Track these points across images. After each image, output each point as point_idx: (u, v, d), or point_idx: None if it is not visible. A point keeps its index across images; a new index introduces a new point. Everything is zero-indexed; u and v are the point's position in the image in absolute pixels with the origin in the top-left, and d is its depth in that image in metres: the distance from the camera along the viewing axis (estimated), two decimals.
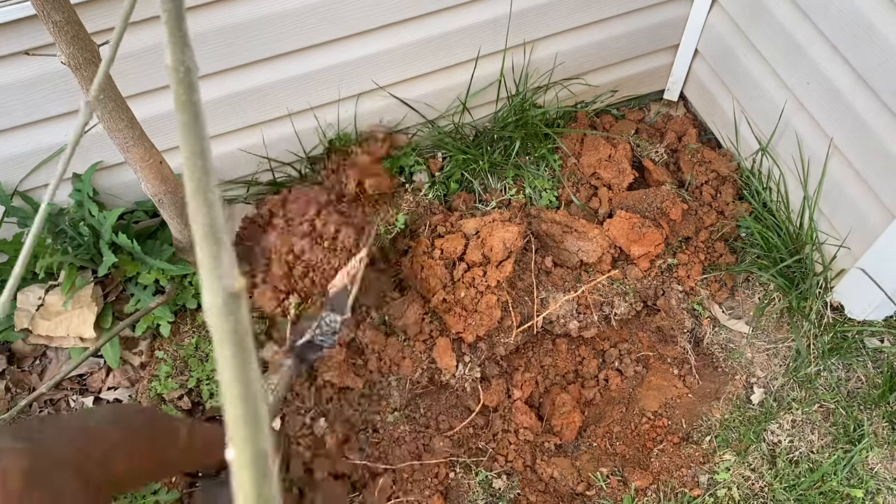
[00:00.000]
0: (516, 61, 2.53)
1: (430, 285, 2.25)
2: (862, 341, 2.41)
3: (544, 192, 2.61)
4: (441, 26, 2.30)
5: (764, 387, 2.43)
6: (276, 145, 2.45)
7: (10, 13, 1.75)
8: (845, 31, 2.05)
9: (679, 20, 2.63)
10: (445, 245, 2.29)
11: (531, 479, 2.31)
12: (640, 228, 2.42)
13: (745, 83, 2.54)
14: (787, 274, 2.46)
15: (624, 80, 2.82)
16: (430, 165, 2.66)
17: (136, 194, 2.39)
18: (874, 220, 2.18)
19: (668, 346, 2.55)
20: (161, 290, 2.35)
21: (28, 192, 2.25)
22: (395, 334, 2.31)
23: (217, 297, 0.43)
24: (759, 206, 2.57)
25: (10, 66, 1.91)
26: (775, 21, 2.29)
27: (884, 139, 2.06)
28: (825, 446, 2.31)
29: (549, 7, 2.38)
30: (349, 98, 2.41)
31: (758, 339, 2.49)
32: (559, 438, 2.41)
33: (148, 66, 2.02)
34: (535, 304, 2.40)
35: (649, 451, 2.38)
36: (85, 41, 1.54)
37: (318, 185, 2.57)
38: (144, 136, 1.81)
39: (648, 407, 2.48)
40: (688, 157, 2.70)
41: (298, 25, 2.09)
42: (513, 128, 2.64)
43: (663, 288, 2.49)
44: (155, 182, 1.91)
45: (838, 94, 2.16)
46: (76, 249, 2.26)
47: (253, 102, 2.27)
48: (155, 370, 2.29)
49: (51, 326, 2.25)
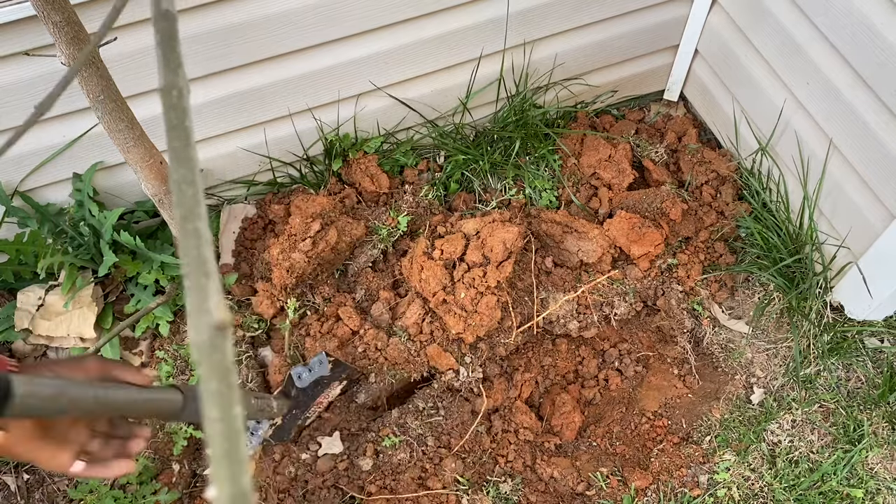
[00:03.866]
0: (516, 61, 2.53)
1: (430, 286, 2.25)
2: (862, 341, 2.41)
3: (544, 192, 2.61)
4: (441, 26, 2.30)
5: (764, 387, 2.43)
6: (276, 145, 2.46)
7: (10, 13, 1.75)
8: (845, 31, 2.05)
9: (679, 20, 2.63)
10: (445, 246, 2.29)
11: (531, 479, 2.31)
12: (640, 228, 2.42)
13: (744, 83, 2.54)
14: (787, 274, 2.46)
15: (624, 80, 2.82)
16: (431, 166, 2.66)
17: (137, 194, 2.39)
18: (874, 220, 2.18)
19: (668, 346, 2.55)
20: (161, 290, 2.35)
21: (28, 192, 2.25)
22: (396, 334, 2.31)
23: (203, 333, 0.42)
24: (759, 206, 2.57)
25: (10, 66, 1.91)
26: (775, 21, 2.29)
27: (884, 139, 2.06)
28: (825, 446, 2.31)
29: (549, 7, 2.38)
30: (349, 98, 2.41)
31: (758, 339, 2.49)
32: (559, 438, 2.41)
33: (148, 66, 2.02)
34: (535, 304, 2.40)
35: (649, 451, 2.38)
36: (85, 42, 1.54)
37: (318, 187, 2.58)
38: (145, 136, 1.81)
39: (648, 407, 2.48)
40: (688, 157, 2.70)
41: (298, 25, 2.09)
42: (513, 128, 2.64)
43: (663, 288, 2.49)
44: (155, 182, 1.91)
45: (838, 93, 2.16)
46: (76, 249, 2.26)
47: (253, 102, 2.27)
48: (155, 370, 2.29)
49: (51, 326, 2.25)
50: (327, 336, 2.28)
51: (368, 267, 2.47)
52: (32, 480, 2.25)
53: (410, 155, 2.66)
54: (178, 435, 2.23)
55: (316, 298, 2.38)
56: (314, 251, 2.29)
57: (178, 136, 0.46)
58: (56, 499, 2.22)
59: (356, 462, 2.25)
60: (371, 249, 2.46)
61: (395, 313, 2.36)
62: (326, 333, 2.29)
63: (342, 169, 2.57)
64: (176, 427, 2.22)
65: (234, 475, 0.41)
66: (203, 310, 0.42)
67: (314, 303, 2.38)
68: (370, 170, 2.55)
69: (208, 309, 0.42)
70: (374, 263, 2.48)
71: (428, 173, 2.67)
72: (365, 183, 2.54)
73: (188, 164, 0.46)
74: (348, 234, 2.38)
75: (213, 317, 0.42)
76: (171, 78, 0.47)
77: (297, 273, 2.29)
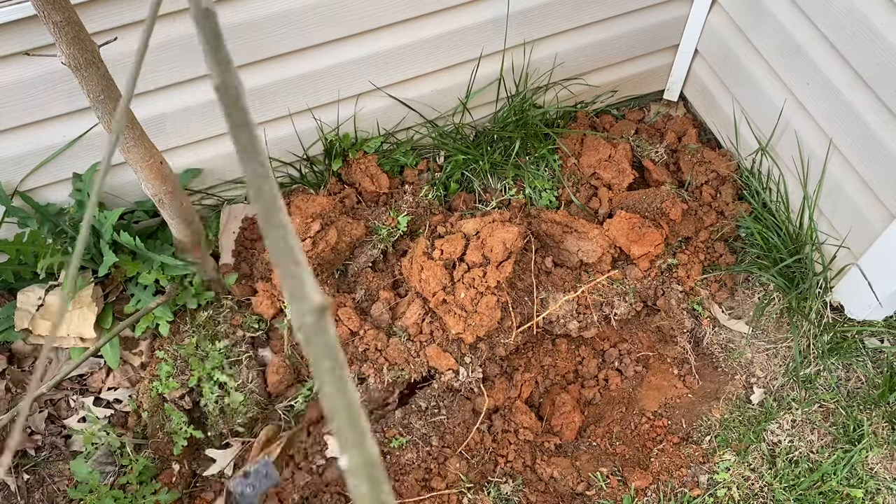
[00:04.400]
0: (516, 61, 2.53)
1: (430, 286, 2.25)
2: (862, 341, 2.41)
3: (544, 192, 2.61)
4: (441, 26, 2.30)
5: (764, 387, 2.44)
6: (276, 145, 2.46)
7: (10, 13, 1.75)
8: (845, 31, 2.05)
9: (679, 20, 2.63)
10: (445, 246, 2.29)
11: (531, 479, 2.31)
12: (640, 228, 2.42)
13: (744, 83, 2.54)
14: (787, 274, 2.46)
15: (624, 80, 2.82)
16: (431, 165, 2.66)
17: (137, 194, 2.39)
18: (874, 220, 2.19)
19: (668, 346, 2.55)
20: (161, 290, 2.35)
21: (28, 192, 2.25)
22: (397, 335, 2.31)
23: (308, 315, 0.44)
24: (759, 206, 2.57)
25: (10, 66, 1.91)
26: (775, 21, 2.29)
27: (884, 139, 2.06)
28: (825, 446, 2.31)
29: (549, 7, 2.38)
30: (349, 98, 2.41)
31: (758, 339, 2.49)
32: (559, 438, 2.41)
33: (148, 66, 2.02)
34: (535, 304, 2.40)
35: (649, 451, 2.38)
36: (85, 42, 1.54)
37: (318, 187, 2.58)
38: (145, 136, 1.81)
39: (648, 407, 2.48)
40: (688, 157, 2.70)
41: (298, 25, 2.09)
42: (513, 128, 2.64)
43: (663, 288, 2.49)
44: (155, 182, 1.91)
45: (838, 93, 2.16)
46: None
47: (253, 102, 2.27)
48: (155, 370, 2.29)
49: (51, 326, 2.25)
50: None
51: (368, 267, 2.47)
52: (32, 480, 2.25)
53: (410, 155, 2.66)
54: (178, 435, 2.23)
55: None
56: (314, 251, 2.29)
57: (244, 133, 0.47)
58: (56, 499, 2.22)
59: None
60: (371, 249, 2.46)
61: (395, 313, 2.36)
62: None
63: (342, 169, 2.57)
64: (176, 427, 2.22)
65: (360, 442, 0.42)
66: (301, 295, 0.44)
67: None
68: (370, 170, 2.55)
69: (306, 294, 0.44)
70: (374, 263, 2.48)
71: (428, 173, 2.67)
72: (365, 183, 2.53)
73: (258, 158, 0.47)
74: (348, 234, 2.38)
75: (313, 300, 0.44)
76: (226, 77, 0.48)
77: None
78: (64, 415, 2.31)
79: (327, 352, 0.44)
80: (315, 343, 0.44)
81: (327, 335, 0.44)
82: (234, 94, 0.48)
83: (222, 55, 0.48)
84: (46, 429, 2.29)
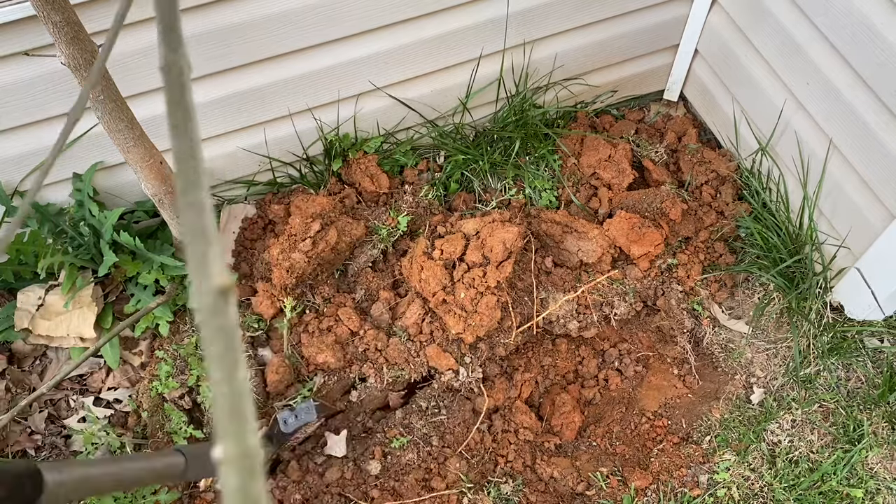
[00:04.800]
0: (516, 61, 2.53)
1: (430, 286, 2.25)
2: (862, 341, 2.41)
3: (544, 192, 2.61)
4: (441, 26, 2.30)
5: (764, 387, 2.44)
6: (276, 145, 2.46)
7: (11, 13, 1.75)
8: (845, 31, 2.05)
9: (679, 20, 2.63)
10: (445, 246, 2.29)
11: (531, 479, 2.31)
12: (640, 228, 2.42)
13: (744, 83, 2.54)
14: (787, 274, 2.46)
15: (624, 80, 2.82)
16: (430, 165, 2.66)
17: (137, 194, 2.39)
18: (874, 220, 2.18)
19: (668, 346, 2.55)
20: (161, 290, 2.35)
21: (28, 192, 2.25)
22: (397, 335, 2.31)
23: (206, 295, 0.43)
24: (759, 206, 2.57)
25: (10, 66, 1.91)
26: (775, 21, 2.29)
27: (884, 139, 2.06)
28: (825, 446, 2.31)
29: (549, 7, 2.38)
30: (349, 98, 2.41)
31: (758, 339, 2.49)
32: (559, 438, 2.41)
33: (148, 66, 2.02)
34: (535, 304, 2.40)
35: (649, 451, 2.38)
36: (84, 41, 1.54)
37: (318, 187, 2.58)
38: (144, 136, 1.81)
39: (648, 407, 2.48)
40: (688, 157, 2.70)
41: (298, 25, 2.09)
42: (513, 128, 2.64)
43: (663, 288, 2.49)
44: (155, 182, 1.91)
45: (838, 93, 2.16)
46: (76, 249, 2.26)
47: (253, 102, 2.27)
48: (155, 370, 2.29)
49: (51, 326, 2.25)
50: (326, 335, 2.28)
51: (368, 267, 2.47)
52: None
53: (410, 155, 2.66)
54: (178, 435, 2.23)
55: (316, 298, 2.38)
56: (314, 251, 2.29)
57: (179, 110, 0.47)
58: None
59: (363, 467, 2.25)
60: (371, 249, 2.46)
61: (395, 313, 2.36)
62: (325, 331, 2.30)
63: (342, 169, 2.57)
64: (176, 427, 2.22)
65: (239, 433, 0.41)
66: (204, 274, 0.43)
67: (314, 303, 2.38)
68: (370, 170, 2.55)
69: (209, 273, 0.43)
70: (374, 263, 2.48)
71: (428, 173, 2.67)
72: (365, 183, 2.53)
73: (188, 137, 0.47)
74: (348, 234, 2.38)
75: (215, 281, 0.43)
76: (171, 56, 0.48)
77: (297, 273, 2.29)
78: (64, 415, 2.31)
79: (221, 336, 0.42)
80: (209, 324, 0.42)
81: (225, 318, 0.43)
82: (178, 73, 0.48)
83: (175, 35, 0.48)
84: (46, 429, 2.29)
